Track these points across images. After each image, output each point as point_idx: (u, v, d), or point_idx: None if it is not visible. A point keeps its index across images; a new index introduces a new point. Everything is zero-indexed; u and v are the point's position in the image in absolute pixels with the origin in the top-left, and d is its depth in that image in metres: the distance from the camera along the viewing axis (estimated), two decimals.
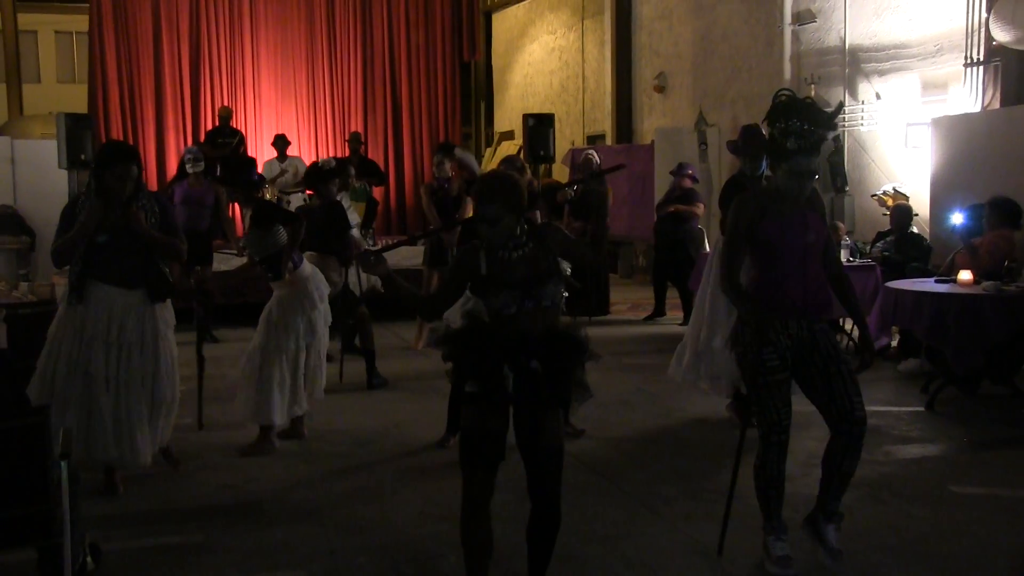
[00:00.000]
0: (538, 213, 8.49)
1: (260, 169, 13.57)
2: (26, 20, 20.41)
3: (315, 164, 8.52)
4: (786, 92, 4.09)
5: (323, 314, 6.23)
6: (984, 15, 9.12)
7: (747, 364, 4.09)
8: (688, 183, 10.74)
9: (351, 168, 10.06)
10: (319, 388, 6.36)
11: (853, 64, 11.20)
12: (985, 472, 5.52)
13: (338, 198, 8.04)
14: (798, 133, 3.88)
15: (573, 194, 9.79)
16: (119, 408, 4.95)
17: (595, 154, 10.82)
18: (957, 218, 7.81)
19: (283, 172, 13.14)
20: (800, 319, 4.04)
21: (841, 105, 4.37)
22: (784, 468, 4.09)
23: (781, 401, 4.01)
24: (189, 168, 9.98)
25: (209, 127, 14.58)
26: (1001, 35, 8.64)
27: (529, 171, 9.31)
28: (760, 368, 4.01)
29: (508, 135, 19.92)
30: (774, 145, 3.99)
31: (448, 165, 9.36)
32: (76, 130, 11.18)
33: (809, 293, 4.04)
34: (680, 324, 10.37)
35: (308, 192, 9.18)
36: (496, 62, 21.46)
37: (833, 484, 4.11)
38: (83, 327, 4.93)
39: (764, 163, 6.39)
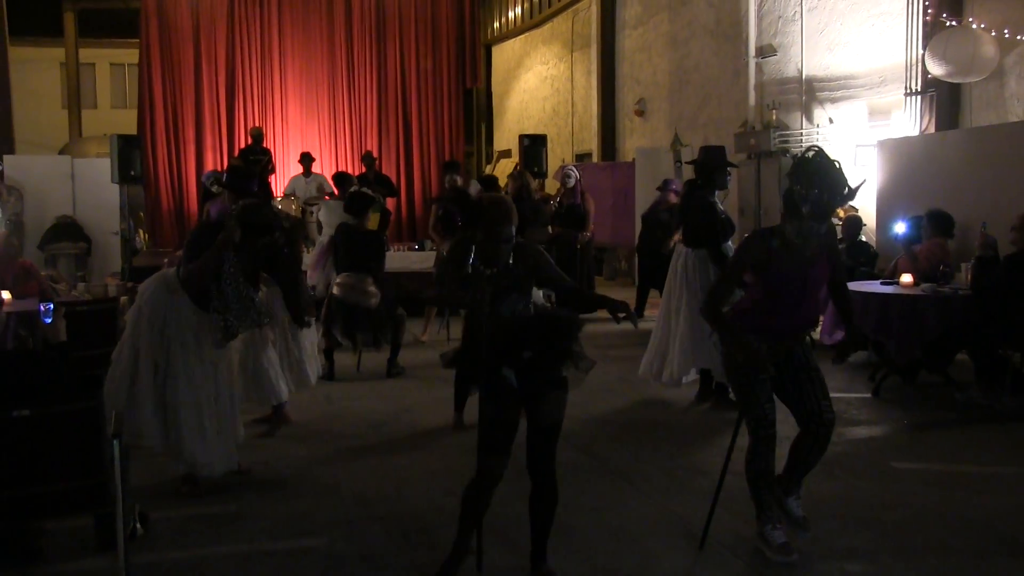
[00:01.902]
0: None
1: (287, 182, 13.69)
2: (86, 54, 20.47)
3: (358, 192, 8.00)
4: (815, 148, 3.74)
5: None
6: (921, 52, 9.17)
7: (730, 367, 3.92)
8: (673, 198, 10.64)
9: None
10: (309, 377, 6.13)
11: (809, 92, 11.22)
12: (922, 450, 5.56)
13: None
14: (815, 202, 3.64)
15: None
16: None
17: (574, 170, 10.79)
18: (899, 228, 7.83)
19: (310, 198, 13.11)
20: (780, 340, 3.87)
21: (864, 182, 4.06)
22: (773, 461, 3.90)
23: (765, 397, 3.84)
24: (215, 189, 9.54)
25: (242, 145, 14.57)
26: (935, 69, 8.72)
27: (532, 181, 9.14)
28: (741, 369, 3.85)
29: (506, 153, 19.92)
30: (790, 201, 3.74)
31: (460, 181, 9.30)
32: (127, 150, 11.30)
33: (795, 325, 3.86)
34: None
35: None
36: (495, 89, 21.46)
37: (797, 470, 4.05)
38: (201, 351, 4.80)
39: (718, 193, 6.41)
